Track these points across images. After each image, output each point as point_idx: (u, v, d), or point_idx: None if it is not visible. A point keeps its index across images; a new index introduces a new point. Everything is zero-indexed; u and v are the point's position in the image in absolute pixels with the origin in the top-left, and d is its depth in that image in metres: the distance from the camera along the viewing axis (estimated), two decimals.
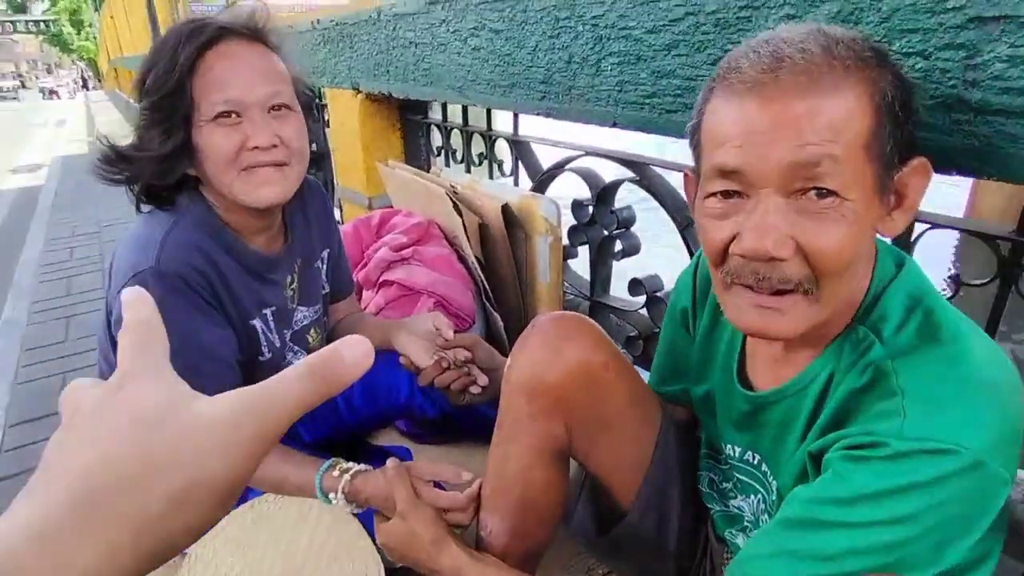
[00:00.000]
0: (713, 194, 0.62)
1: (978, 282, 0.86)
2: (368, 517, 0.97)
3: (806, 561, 0.59)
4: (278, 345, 1.08)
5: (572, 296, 1.60)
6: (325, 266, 1.21)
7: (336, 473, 0.95)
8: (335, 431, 1.26)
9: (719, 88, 0.61)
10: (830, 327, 0.67)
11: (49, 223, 4.40)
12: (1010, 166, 0.67)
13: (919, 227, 0.90)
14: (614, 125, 1.10)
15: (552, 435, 0.84)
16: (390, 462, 0.93)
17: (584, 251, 1.54)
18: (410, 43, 1.60)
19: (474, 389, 1.06)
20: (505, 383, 0.86)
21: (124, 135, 1.03)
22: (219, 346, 0.95)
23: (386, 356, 1.16)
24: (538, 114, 1.26)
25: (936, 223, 0.88)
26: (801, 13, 0.79)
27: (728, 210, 0.61)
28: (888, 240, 0.72)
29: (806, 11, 0.79)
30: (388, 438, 1.44)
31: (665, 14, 0.95)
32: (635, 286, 1.39)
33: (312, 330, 1.17)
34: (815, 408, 0.68)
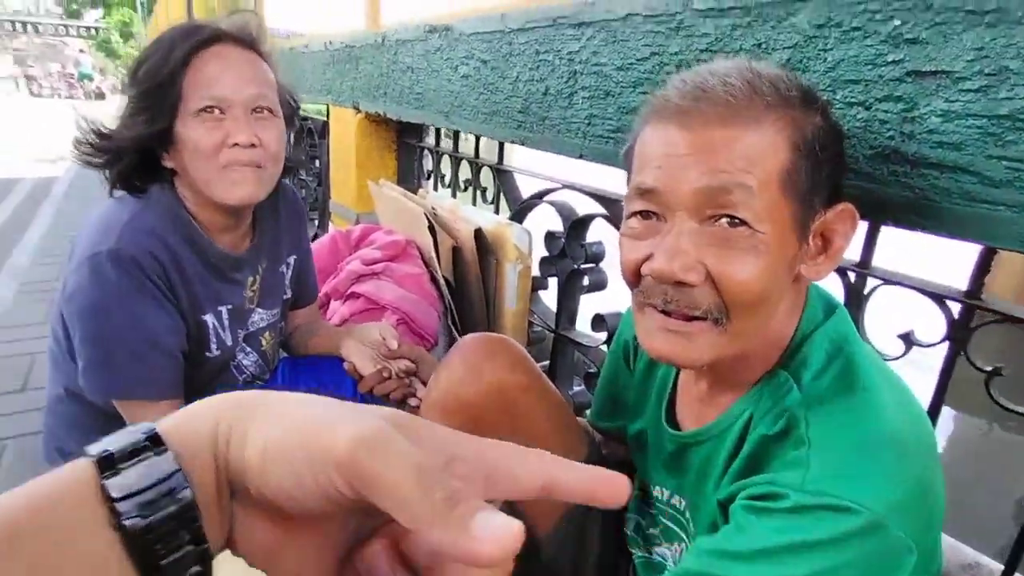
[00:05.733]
0: (634, 214, 0.63)
1: (927, 342, 0.84)
2: None
3: None
4: (229, 344, 1.08)
5: (539, 328, 1.59)
6: (290, 271, 1.22)
7: None
8: None
9: (650, 114, 0.63)
10: (753, 368, 0.66)
11: (56, 211, 4.50)
12: (944, 221, 0.67)
13: (872, 282, 0.89)
14: (581, 157, 1.11)
15: None
16: None
17: (555, 285, 1.54)
18: (408, 68, 1.64)
19: (413, 401, 1.05)
20: (424, 400, 0.85)
21: None
22: (165, 335, 0.95)
23: (333, 362, 1.16)
24: (513, 142, 1.28)
25: (889, 279, 0.88)
26: (755, 59, 0.81)
27: (645, 231, 0.62)
28: (841, 296, 0.71)
29: (759, 58, 0.80)
30: None
31: (633, 53, 0.97)
32: (597, 322, 1.38)
33: (267, 333, 1.16)
34: (732, 452, 0.66)
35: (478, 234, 1.47)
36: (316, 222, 2.71)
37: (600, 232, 1.44)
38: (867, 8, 0.70)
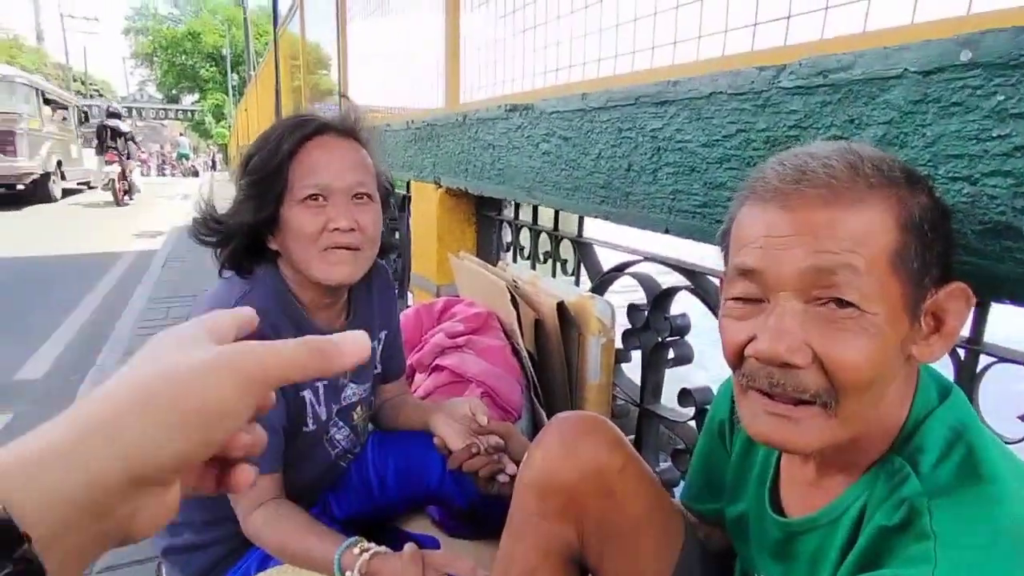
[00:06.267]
0: (734, 296, 0.62)
1: None
2: None
3: None
4: (323, 418, 1.11)
5: (622, 401, 1.57)
6: (380, 346, 1.26)
7: (356, 551, 0.95)
8: (367, 510, 1.26)
9: (748, 196, 0.63)
10: (864, 452, 0.63)
11: (155, 284, 4.80)
12: None
13: (984, 360, 0.85)
14: (666, 232, 1.12)
15: (561, 537, 0.81)
16: (407, 547, 0.92)
17: (638, 357, 1.52)
18: (488, 145, 1.72)
19: (502, 478, 1.04)
20: (518, 480, 0.85)
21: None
22: (270, 412, 0.99)
23: (422, 437, 1.17)
24: (596, 217, 1.30)
25: (1003, 356, 0.83)
26: (847, 135, 0.80)
27: (748, 312, 0.61)
28: (951, 373, 0.68)
29: (852, 133, 0.80)
30: (419, 525, 1.42)
31: (719, 130, 0.98)
32: (684, 397, 1.34)
33: (359, 407, 1.20)
34: (847, 543, 0.63)
35: (560, 307, 1.48)
36: (396, 293, 2.80)
37: (684, 304, 1.43)
38: (967, 84, 0.69)
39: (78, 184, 13.04)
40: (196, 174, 26.30)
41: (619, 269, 1.54)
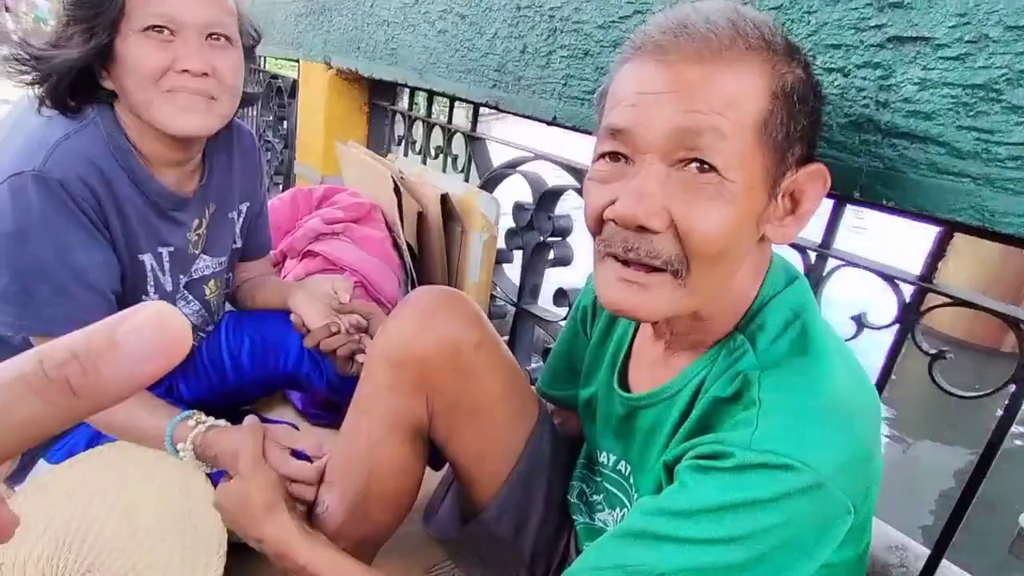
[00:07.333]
0: (602, 156, 0.60)
1: (879, 325, 0.84)
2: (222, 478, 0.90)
3: None
4: (169, 289, 1.00)
5: (501, 301, 1.56)
6: (241, 220, 1.15)
7: (191, 423, 0.88)
8: (220, 393, 1.18)
9: (627, 51, 0.60)
10: (711, 332, 0.65)
11: None
12: (908, 192, 0.66)
13: (831, 264, 0.89)
14: (554, 120, 1.08)
15: (410, 411, 0.78)
16: (247, 419, 0.86)
17: (520, 258, 1.51)
18: (383, 21, 1.58)
19: (360, 358, 1.00)
20: (370, 352, 0.81)
21: None
22: (95, 270, 0.87)
23: (280, 316, 1.10)
24: (486, 102, 1.24)
25: (848, 260, 0.87)
26: None
27: (612, 175, 0.59)
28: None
29: None
30: (281, 413, 1.37)
31: (615, 10, 0.94)
32: (560, 297, 1.35)
33: (212, 282, 1.09)
34: (682, 415, 0.65)
35: (444, 199, 1.42)
36: (281, 187, 2.62)
37: (571, 209, 1.41)
38: None
39: None
40: None
41: (510, 167, 1.49)
